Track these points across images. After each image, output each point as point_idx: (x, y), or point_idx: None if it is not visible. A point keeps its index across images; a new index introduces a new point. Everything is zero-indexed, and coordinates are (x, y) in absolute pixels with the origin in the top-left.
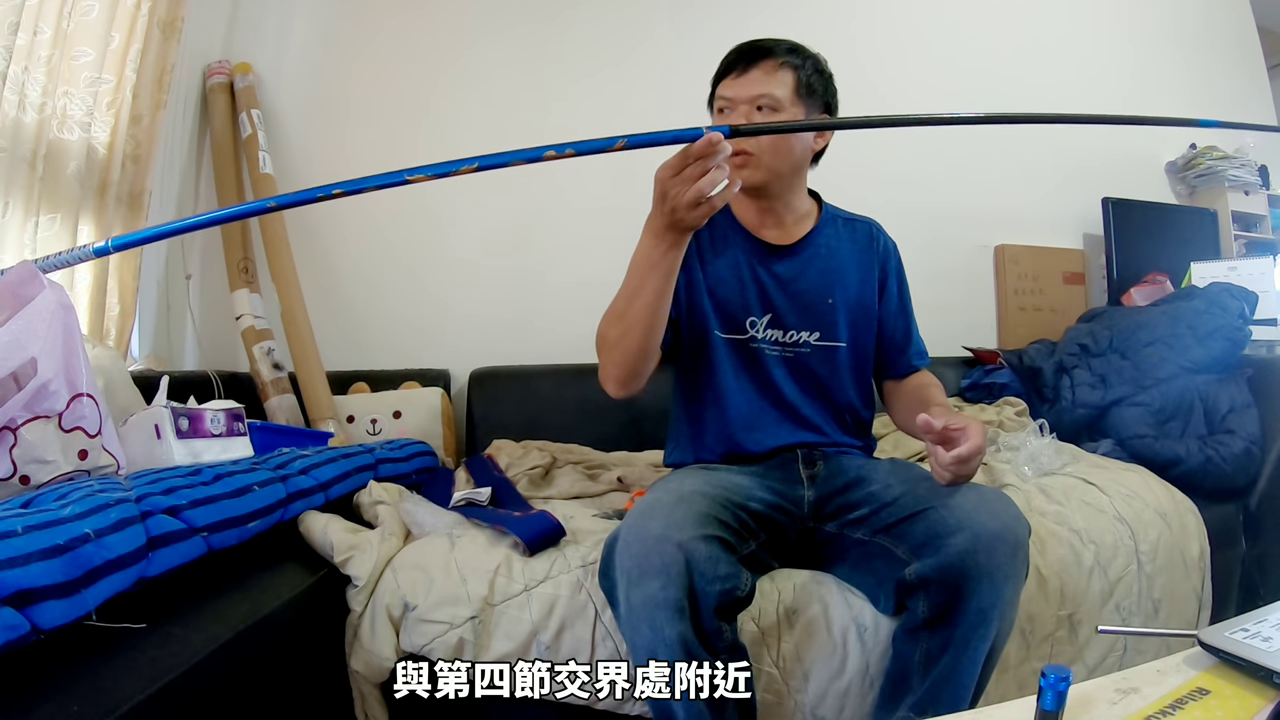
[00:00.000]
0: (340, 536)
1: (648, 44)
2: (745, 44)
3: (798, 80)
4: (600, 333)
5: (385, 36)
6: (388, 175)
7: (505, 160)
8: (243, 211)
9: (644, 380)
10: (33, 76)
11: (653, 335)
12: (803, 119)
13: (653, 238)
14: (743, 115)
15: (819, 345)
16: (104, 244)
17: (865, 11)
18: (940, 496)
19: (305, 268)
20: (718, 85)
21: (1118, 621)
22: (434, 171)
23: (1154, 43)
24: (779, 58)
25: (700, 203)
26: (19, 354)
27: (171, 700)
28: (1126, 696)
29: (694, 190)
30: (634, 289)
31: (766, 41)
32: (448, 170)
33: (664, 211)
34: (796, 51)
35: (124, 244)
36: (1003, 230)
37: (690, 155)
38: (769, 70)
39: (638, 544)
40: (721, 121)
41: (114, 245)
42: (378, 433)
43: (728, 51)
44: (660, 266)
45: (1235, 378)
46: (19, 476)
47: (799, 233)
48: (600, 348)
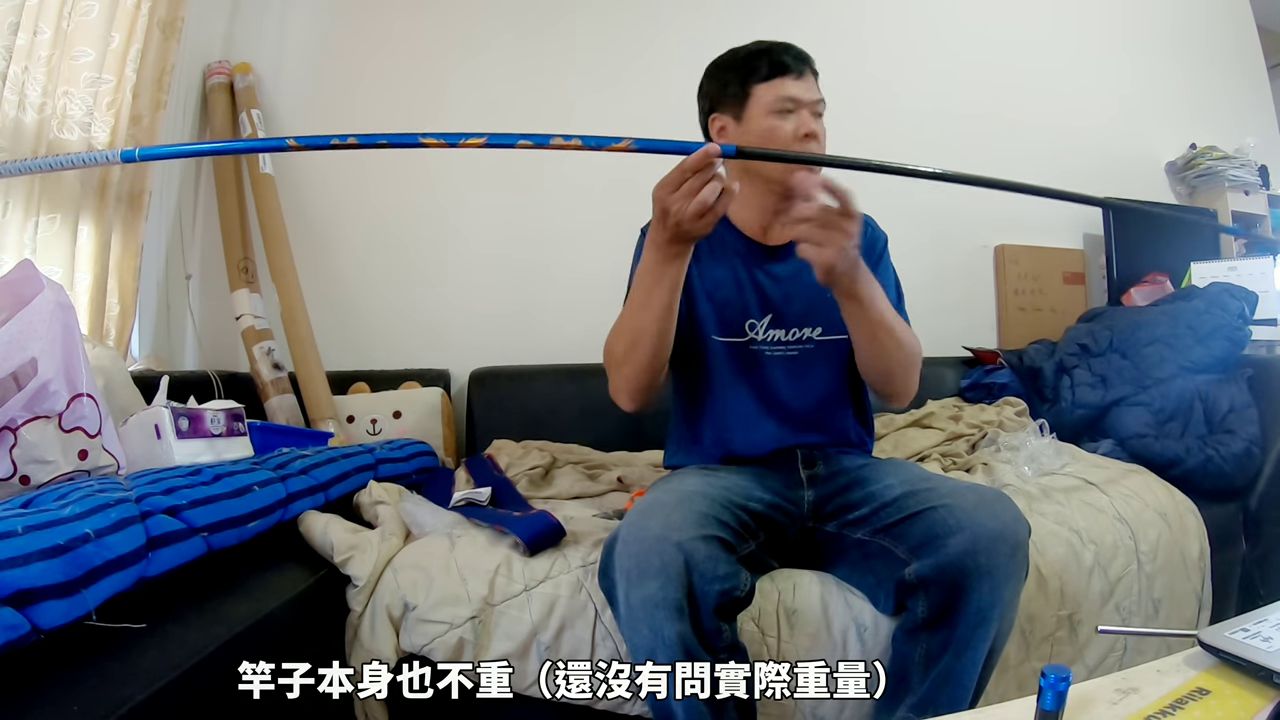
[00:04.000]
0: (340, 536)
1: (651, 49)
2: (791, 47)
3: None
4: (608, 348)
5: (385, 36)
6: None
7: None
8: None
9: (656, 393)
10: (33, 76)
11: (661, 349)
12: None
13: (656, 252)
14: (809, 117)
15: (823, 340)
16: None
17: (874, 14)
18: (940, 497)
19: (305, 267)
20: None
21: (1118, 621)
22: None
23: (1154, 43)
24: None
25: (704, 213)
26: (19, 354)
27: (171, 700)
28: (1126, 696)
29: (696, 203)
30: (640, 304)
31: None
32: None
33: (667, 227)
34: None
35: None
36: (1003, 230)
37: (687, 169)
38: (814, 78)
39: (637, 544)
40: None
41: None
42: (378, 433)
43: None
44: (665, 281)
45: (1235, 378)
46: (19, 476)
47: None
48: (609, 364)
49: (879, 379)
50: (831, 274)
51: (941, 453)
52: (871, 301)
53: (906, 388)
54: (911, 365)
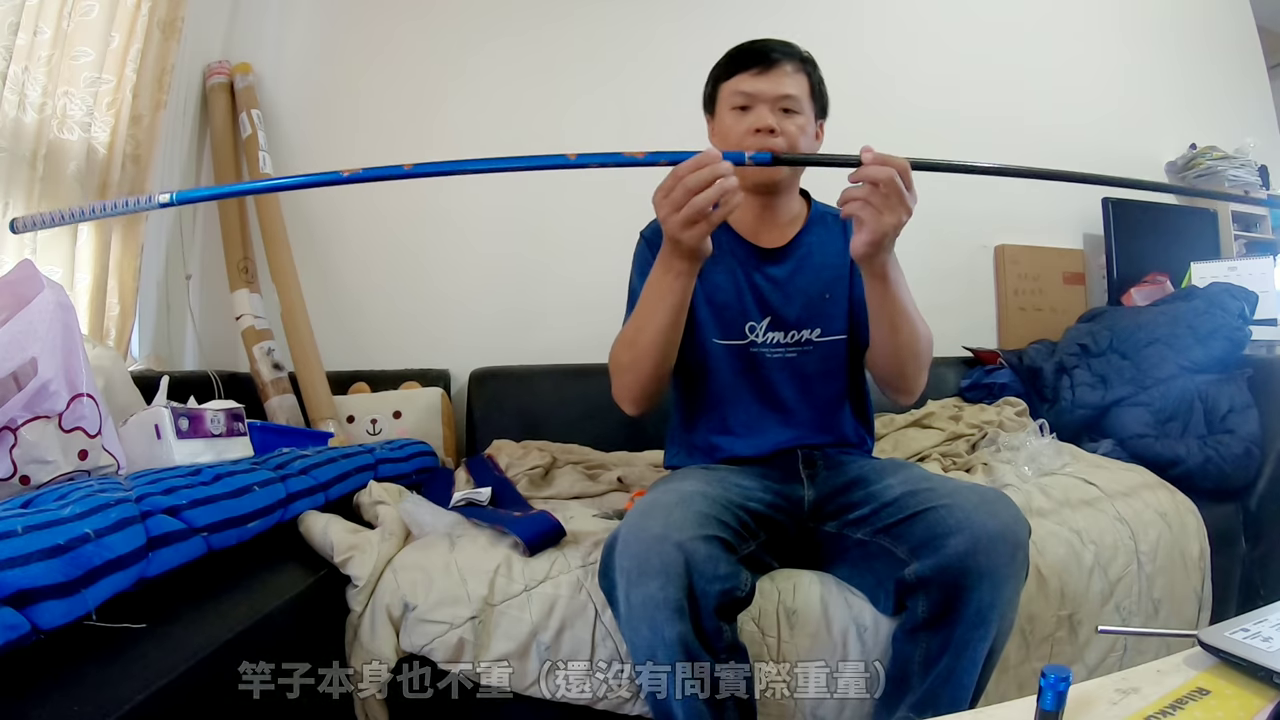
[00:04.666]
0: (340, 536)
1: (652, 45)
2: (759, 42)
3: (810, 84)
4: (613, 356)
5: (385, 36)
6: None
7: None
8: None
9: (659, 399)
10: (33, 76)
11: (664, 362)
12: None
13: (662, 265)
14: (765, 112)
15: (822, 340)
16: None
17: (874, 14)
18: (940, 497)
19: (305, 267)
20: (726, 80)
21: (1118, 621)
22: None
23: (1154, 42)
24: (796, 61)
25: (695, 221)
26: (19, 354)
27: (171, 700)
28: (1126, 696)
29: (687, 210)
30: (645, 317)
31: (778, 43)
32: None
33: (665, 236)
34: (808, 59)
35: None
36: (1003, 230)
37: (677, 175)
38: (789, 71)
39: (637, 544)
40: (740, 118)
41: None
42: (378, 433)
43: (735, 47)
44: (669, 297)
45: (1235, 378)
46: (19, 476)
47: (791, 233)
48: (614, 370)
49: (893, 372)
50: (879, 246)
51: (942, 453)
52: (898, 285)
53: (918, 382)
54: (925, 358)
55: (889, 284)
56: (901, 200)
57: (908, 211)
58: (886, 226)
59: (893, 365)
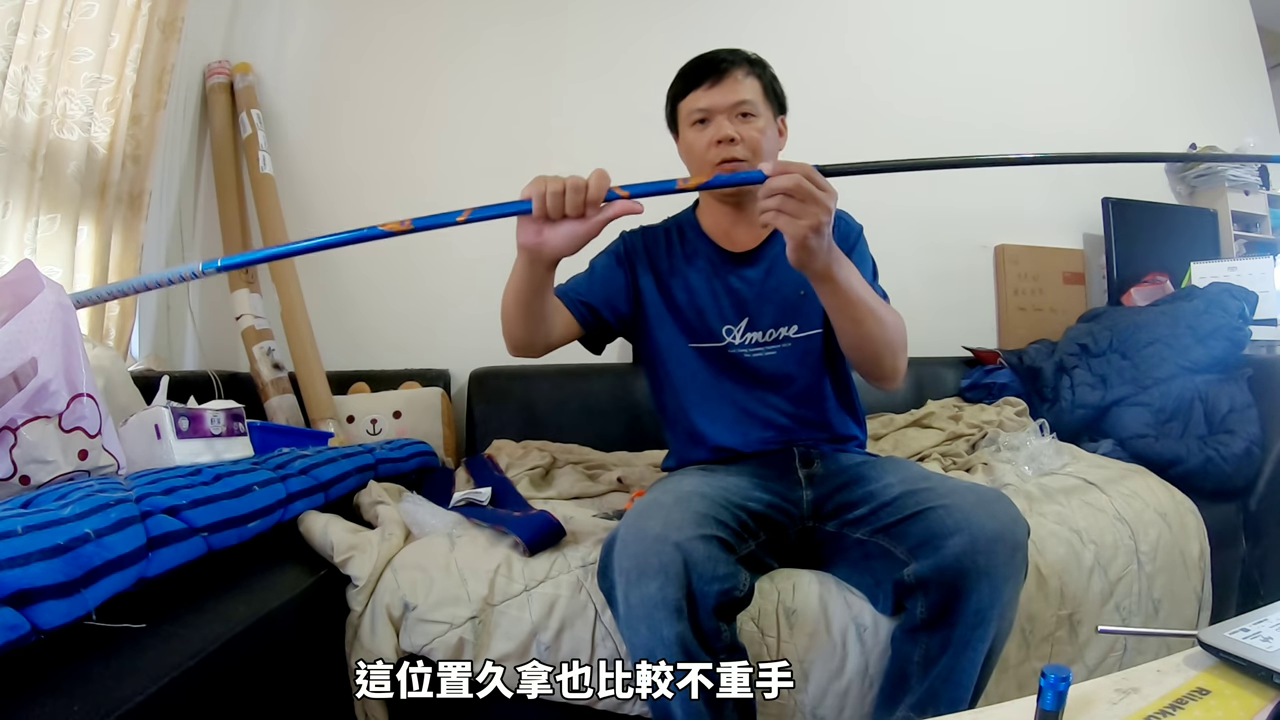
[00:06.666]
0: (340, 536)
1: (642, 41)
2: (705, 56)
3: (763, 85)
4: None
5: (385, 36)
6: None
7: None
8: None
9: (539, 350)
10: (33, 76)
11: (523, 327)
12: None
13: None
14: (724, 123)
15: (799, 337)
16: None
17: (858, 12)
18: (939, 497)
19: (305, 267)
20: (683, 99)
21: (1118, 621)
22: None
23: (1154, 43)
24: (745, 66)
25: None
26: (19, 354)
27: (171, 700)
28: (1126, 696)
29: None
30: (509, 285)
31: (725, 52)
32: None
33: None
34: (757, 60)
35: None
36: (1003, 230)
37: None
38: (740, 78)
39: (636, 544)
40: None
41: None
42: (378, 433)
43: (685, 65)
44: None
45: (1235, 378)
46: (19, 476)
47: (764, 235)
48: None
49: (867, 362)
50: (805, 250)
51: (941, 453)
52: (847, 283)
53: (895, 368)
54: (898, 344)
55: (837, 283)
56: (815, 201)
57: (826, 210)
58: (804, 229)
59: (866, 355)
